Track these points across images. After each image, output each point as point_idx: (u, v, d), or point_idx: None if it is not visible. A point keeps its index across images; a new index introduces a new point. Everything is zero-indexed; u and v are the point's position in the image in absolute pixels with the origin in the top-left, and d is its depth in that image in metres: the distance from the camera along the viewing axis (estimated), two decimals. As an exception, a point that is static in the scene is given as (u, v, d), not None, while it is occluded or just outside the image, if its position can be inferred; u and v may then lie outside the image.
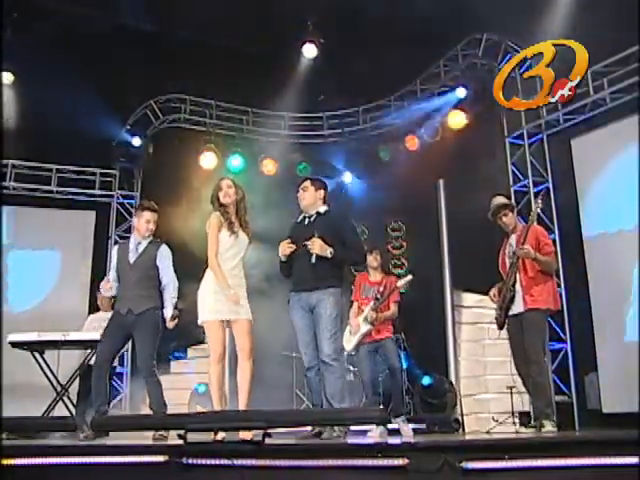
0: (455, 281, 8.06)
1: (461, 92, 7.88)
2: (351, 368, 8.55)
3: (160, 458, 3.11)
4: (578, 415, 6.26)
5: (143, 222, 4.96)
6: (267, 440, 3.02)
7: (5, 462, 3.36)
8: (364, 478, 2.89)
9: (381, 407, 2.68)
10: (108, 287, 4.91)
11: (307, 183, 4.56)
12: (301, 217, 4.62)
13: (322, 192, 4.54)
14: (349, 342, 5.78)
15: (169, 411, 4.89)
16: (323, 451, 2.95)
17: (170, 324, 4.89)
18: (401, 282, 5.87)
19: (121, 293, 4.92)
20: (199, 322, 4.52)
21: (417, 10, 8.07)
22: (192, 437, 3.22)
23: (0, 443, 3.32)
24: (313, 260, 4.27)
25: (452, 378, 7.37)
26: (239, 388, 4.36)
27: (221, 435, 3.76)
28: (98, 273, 8.42)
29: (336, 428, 3.97)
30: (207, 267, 4.49)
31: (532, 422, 5.02)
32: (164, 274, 4.93)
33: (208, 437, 3.60)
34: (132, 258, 4.92)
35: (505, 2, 6.39)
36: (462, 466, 2.84)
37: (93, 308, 7.77)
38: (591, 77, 6.37)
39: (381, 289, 5.82)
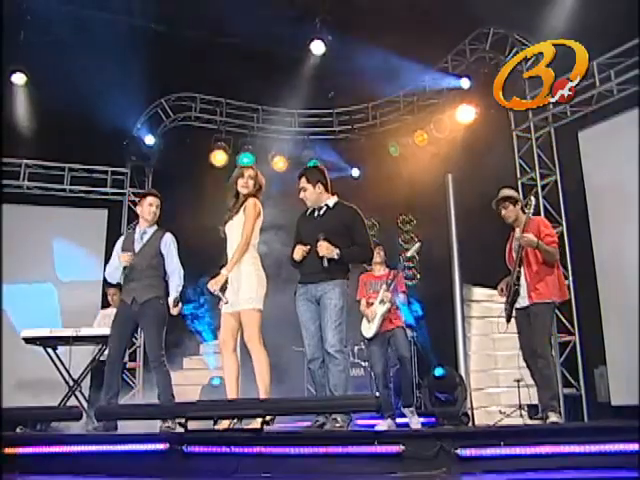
0: (464, 275, 8.05)
1: (465, 83, 7.81)
2: (362, 363, 8.60)
3: (161, 446, 3.18)
4: (587, 407, 6.23)
5: (146, 205, 4.98)
6: (265, 428, 3.08)
7: (10, 451, 3.49)
8: (361, 465, 2.94)
9: (376, 395, 2.69)
10: (127, 258, 4.81)
11: (304, 183, 4.45)
12: (310, 210, 4.56)
13: (321, 186, 4.45)
14: (369, 329, 5.78)
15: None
16: (320, 439, 3.00)
17: (174, 310, 4.82)
18: (411, 250, 5.88)
19: (126, 283, 4.93)
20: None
21: (426, 6, 8.10)
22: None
23: (1, 434, 3.42)
24: (325, 264, 4.27)
25: (462, 372, 7.37)
26: (257, 378, 4.38)
27: (226, 424, 3.82)
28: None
29: (339, 419, 3.99)
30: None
31: (539, 414, 4.99)
32: (169, 262, 4.92)
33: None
34: (137, 247, 4.94)
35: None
36: (457, 453, 2.88)
37: (106, 304, 7.90)
38: (597, 69, 6.31)
39: (390, 277, 5.85)
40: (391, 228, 9.47)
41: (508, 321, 5.10)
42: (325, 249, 4.26)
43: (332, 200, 4.52)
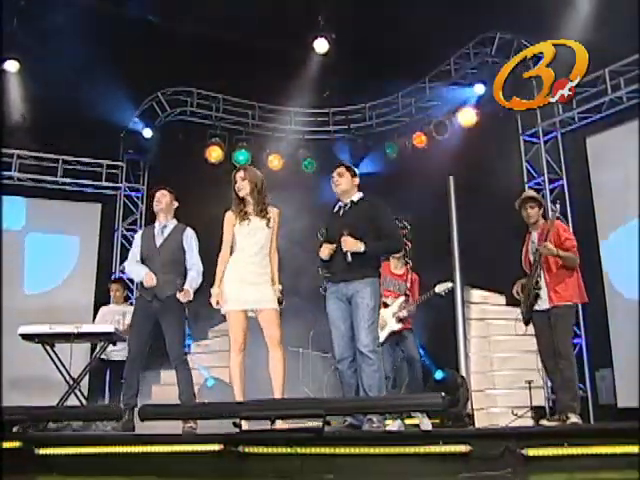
0: (463, 277, 8.09)
1: (479, 89, 7.82)
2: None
3: (215, 447, 3.08)
4: (593, 409, 6.33)
5: (155, 201, 4.95)
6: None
7: (44, 451, 3.35)
8: (426, 465, 2.90)
9: (442, 394, 2.67)
10: (152, 281, 4.74)
11: (343, 169, 4.46)
12: (337, 207, 4.55)
13: (357, 180, 4.48)
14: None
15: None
16: (385, 439, 2.96)
17: (181, 296, 4.71)
18: (441, 288, 5.88)
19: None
20: (222, 311, 4.55)
21: (428, 8, 8.13)
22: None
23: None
24: (349, 259, 4.24)
25: (462, 373, 7.41)
26: (272, 379, 4.36)
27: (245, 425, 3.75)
28: (104, 266, 8.34)
29: (374, 419, 3.95)
30: (230, 257, 4.51)
31: (555, 415, 5.02)
32: (189, 257, 4.86)
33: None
34: (158, 242, 4.86)
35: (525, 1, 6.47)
36: (523, 453, 2.88)
37: (99, 300, 7.69)
38: (609, 76, 6.42)
39: (408, 285, 5.84)
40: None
41: (527, 324, 5.15)
42: (350, 244, 4.23)
43: (357, 196, 4.49)
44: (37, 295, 7.94)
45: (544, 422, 5.27)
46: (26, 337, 6.10)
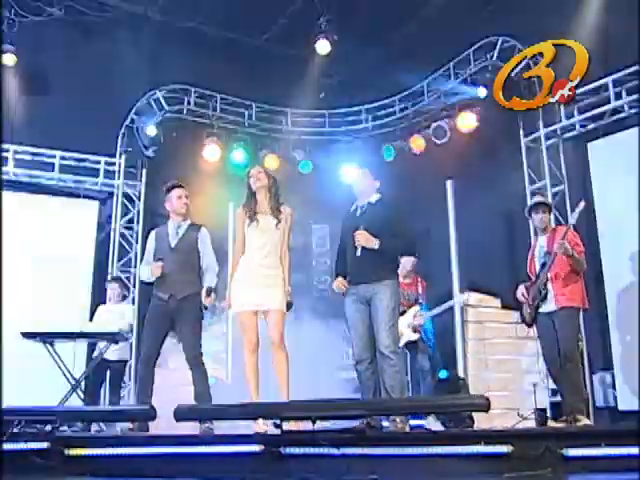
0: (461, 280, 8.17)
1: (480, 92, 7.86)
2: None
3: (255, 448, 3.07)
4: (594, 412, 6.42)
5: (175, 199, 4.91)
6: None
7: (74, 452, 3.30)
8: (468, 465, 2.94)
9: (486, 395, 2.71)
10: (160, 270, 4.72)
11: (367, 170, 4.65)
12: (353, 207, 4.66)
13: (377, 183, 4.63)
14: None
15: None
16: (427, 440, 2.98)
17: (206, 301, 4.68)
18: (459, 299, 5.96)
19: (161, 278, 4.79)
20: (233, 312, 4.59)
21: (429, 10, 8.23)
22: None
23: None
24: (358, 253, 4.32)
25: (461, 375, 7.49)
26: (278, 380, 4.42)
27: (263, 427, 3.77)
28: (100, 264, 8.23)
29: (398, 420, 3.99)
30: (239, 257, 4.60)
31: (563, 417, 5.11)
32: (205, 257, 4.86)
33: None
34: (173, 242, 4.84)
35: (528, 7, 6.56)
36: (563, 453, 2.93)
37: (96, 299, 7.60)
38: (612, 84, 6.52)
39: (420, 291, 5.90)
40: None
41: (530, 326, 5.24)
42: (364, 239, 4.30)
43: (375, 197, 4.60)
44: (33, 293, 7.76)
45: (551, 423, 5.38)
46: (27, 336, 6.00)
